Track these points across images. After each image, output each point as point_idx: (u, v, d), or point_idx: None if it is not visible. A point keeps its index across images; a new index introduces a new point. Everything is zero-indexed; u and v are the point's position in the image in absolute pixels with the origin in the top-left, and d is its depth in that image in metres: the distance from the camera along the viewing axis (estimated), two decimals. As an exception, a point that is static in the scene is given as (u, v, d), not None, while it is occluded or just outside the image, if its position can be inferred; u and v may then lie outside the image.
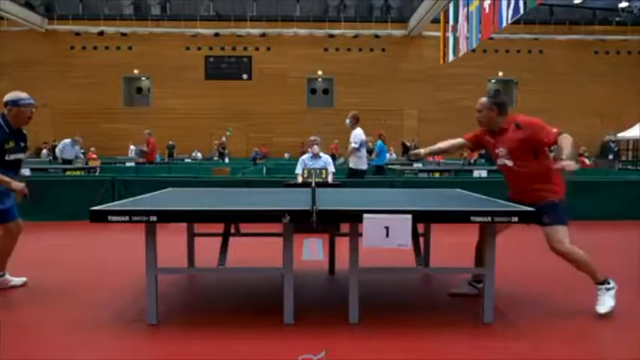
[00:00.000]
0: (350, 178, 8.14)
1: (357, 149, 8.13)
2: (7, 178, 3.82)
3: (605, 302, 3.51)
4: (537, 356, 2.88)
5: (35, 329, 3.22)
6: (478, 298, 3.60)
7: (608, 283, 3.56)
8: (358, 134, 8.10)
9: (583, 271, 3.58)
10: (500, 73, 26.55)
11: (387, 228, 3.00)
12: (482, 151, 19.99)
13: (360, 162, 8.28)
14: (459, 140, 4.18)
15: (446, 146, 4.29)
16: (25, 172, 10.02)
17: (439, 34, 17.26)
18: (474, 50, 15.80)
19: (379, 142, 13.43)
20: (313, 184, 4.20)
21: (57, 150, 13.70)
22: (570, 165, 3.27)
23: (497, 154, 3.77)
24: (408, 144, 18.56)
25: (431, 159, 20.14)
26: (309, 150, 7.59)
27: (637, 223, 7.40)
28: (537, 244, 4.27)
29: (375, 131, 14.19)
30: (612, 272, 3.94)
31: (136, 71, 26.28)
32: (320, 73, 26.67)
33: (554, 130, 3.47)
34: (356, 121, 8.16)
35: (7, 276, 4.14)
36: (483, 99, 3.82)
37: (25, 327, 3.25)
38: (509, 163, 3.66)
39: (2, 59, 25.06)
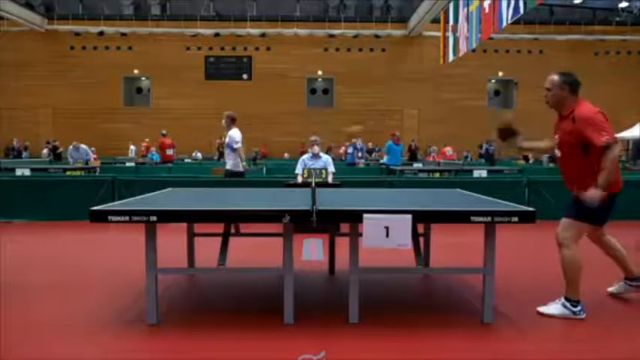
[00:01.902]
0: (228, 178, 7.92)
1: (234, 150, 7.81)
2: None
3: (551, 309, 3.46)
4: (537, 356, 2.88)
5: (35, 329, 3.22)
6: (474, 295, 3.60)
7: (574, 306, 3.42)
8: (234, 135, 7.81)
9: (565, 277, 3.48)
10: (500, 73, 26.55)
11: (387, 228, 3.00)
12: (483, 151, 20.02)
13: (235, 164, 7.92)
14: (547, 141, 3.87)
15: (538, 147, 4.05)
16: (26, 172, 10.03)
17: (439, 34, 17.27)
18: (473, 50, 15.81)
19: (389, 142, 13.46)
20: (313, 184, 4.20)
21: (68, 157, 13.89)
22: (594, 197, 3.22)
23: (556, 141, 3.60)
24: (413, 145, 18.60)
25: (431, 159, 20.17)
26: (309, 150, 7.58)
27: (636, 223, 7.41)
28: (537, 244, 4.27)
29: (388, 132, 14.25)
30: (612, 273, 3.95)
31: (136, 71, 26.28)
32: (320, 73, 26.67)
33: (605, 137, 3.23)
34: (231, 122, 7.92)
35: None
36: (555, 76, 3.51)
37: (25, 327, 3.25)
38: (558, 153, 3.55)
39: (2, 59, 25.05)
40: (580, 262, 3.42)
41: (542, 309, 3.50)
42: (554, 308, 3.47)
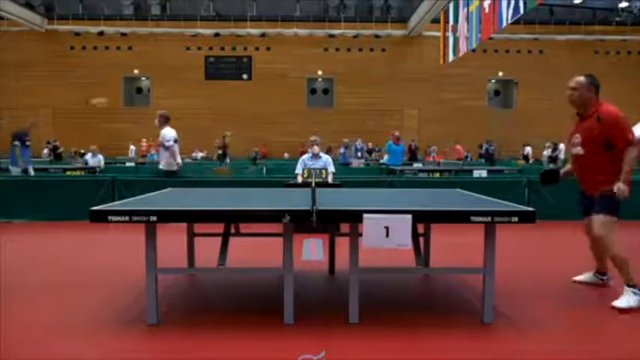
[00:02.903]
0: (164, 177, 7.95)
1: (167, 148, 7.87)
2: None
3: (625, 300, 3.58)
4: (537, 356, 2.88)
5: (35, 329, 3.22)
6: (474, 295, 3.60)
7: (634, 287, 3.59)
8: (166, 134, 7.85)
9: (617, 268, 3.65)
10: (500, 73, 26.55)
11: (387, 228, 3.00)
12: (482, 151, 20.02)
13: (168, 163, 7.97)
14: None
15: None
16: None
17: (439, 34, 17.26)
18: (473, 50, 15.80)
19: (389, 142, 13.49)
20: (313, 184, 4.20)
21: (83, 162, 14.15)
22: (623, 191, 3.47)
23: (573, 141, 3.76)
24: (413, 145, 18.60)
25: (431, 159, 20.18)
26: (309, 150, 7.58)
27: (636, 223, 7.41)
28: (537, 244, 4.27)
29: (388, 132, 14.28)
30: (612, 274, 3.94)
31: (136, 71, 26.28)
32: (320, 73, 26.67)
33: (629, 136, 3.52)
34: (165, 121, 7.94)
35: None
36: (581, 77, 3.73)
37: (25, 327, 3.25)
38: (581, 151, 3.69)
39: (2, 59, 25.06)
40: (624, 255, 3.63)
41: (618, 303, 3.57)
42: (627, 299, 3.58)
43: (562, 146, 19.65)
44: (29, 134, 10.00)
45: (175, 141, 8.05)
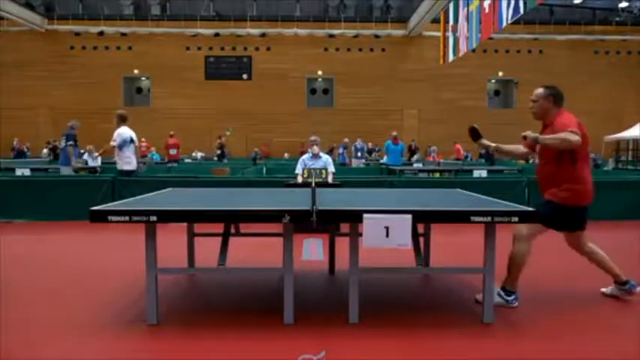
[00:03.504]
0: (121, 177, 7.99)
1: (120, 148, 7.87)
2: None
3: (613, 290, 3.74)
4: (537, 356, 2.88)
5: (35, 329, 3.22)
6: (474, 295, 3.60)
7: (508, 293, 3.64)
8: (121, 133, 7.87)
9: (508, 269, 3.66)
10: (500, 73, 26.55)
11: (387, 228, 3.00)
12: (482, 151, 20.02)
13: (124, 162, 7.96)
14: (521, 147, 4.09)
15: (508, 149, 4.25)
16: (26, 171, 10.03)
17: (439, 34, 17.26)
18: (473, 50, 15.80)
19: (387, 142, 13.54)
20: (313, 184, 4.20)
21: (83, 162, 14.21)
22: (528, 135, 3.57)
23: (537, 151, 3.79)
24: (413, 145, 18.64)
25: (431, 159, 20.18)
26: (309, 150, 7.58)
27: (636, 223, 7.42)
28: (537, 244, 4.27)
29: (388, 132, 14.33)
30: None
31: (136, 71, 26.28)
32: (320, 73, 26.67)
33: (569, 129, 3.46)
34: (121, 120, 7.96)
35: None
36: (540, 89, 3.75)
37: (25, 327, 3.25)
38: (538, 161, 3.76)
39: (2, 59, 25.05)
40: (524, 257, 3.64)
41: (479, 296, 3.57)
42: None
43: None
44: (76, 134, 10.04)
45: (132, 140, 8.06)
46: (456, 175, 11.42)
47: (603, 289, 3.94)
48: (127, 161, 8.03)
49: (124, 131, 7.94)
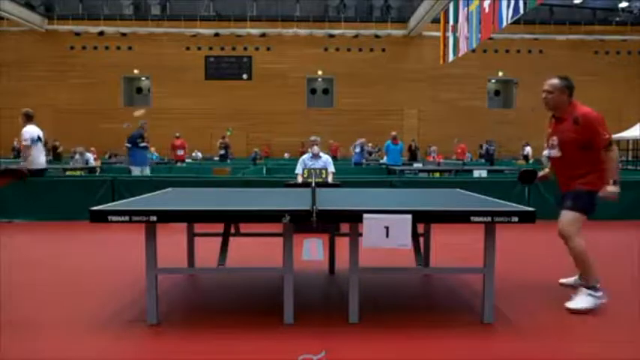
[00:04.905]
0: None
1: (29, 147, 7.78)
2: None
3: (578, 301, 3.54)
4: (537, 356, 2.88)
5: (35, 329, 3.22)
6: (474, 295, 3.60)
7: (595, 290, 3.56)
8: (28, 131, 7.76)
9: (578, 267, 3.65)
10: (500, 73, 26.56)
11: (387, 228, 3.00)
12: (483, 151, 20.02)
13: (31, 162, 7.80)
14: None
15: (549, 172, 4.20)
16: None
17: (439, 34, 17.27)
18: (473, 50, 15.81)
19: (387, 142, 13.55)
20: (313, 184, 4.20)
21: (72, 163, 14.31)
22: (613, 194, 3.48)
23: (550, 144, 3.78)
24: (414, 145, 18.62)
25: (431, 159, 20.19)
26: (309, 150, 7.58)
27: (636, 223, 7.42)
28: (537, 244, 4.27)
29: (388, 132, 14.34)
30: (611, 273, 3.94)
31: (136, 71, 26.29)
32: (320, 73, 26.67)
33: (607, 136, 3.52)
34: (27, 119, 7.86)
35: None
36: (555, 80, 3.74)
37: (24, 327, 3.25)
38: (559, 153, 3.72)
39: (2, 59, 25.07)
40: (588, 255, 3.58)
41: (570, 305, 3.54)
42: (581, 300, 3.55)
43: None
44: (144, 135, 10.07)
45: (39, 139, 7.95)
46: (456, 175, 11.42)
47: (565, 280, 4.04)
48: (35, 161, 7.86)
49: (31, 130, 7.82)
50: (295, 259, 3.33)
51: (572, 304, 3.54)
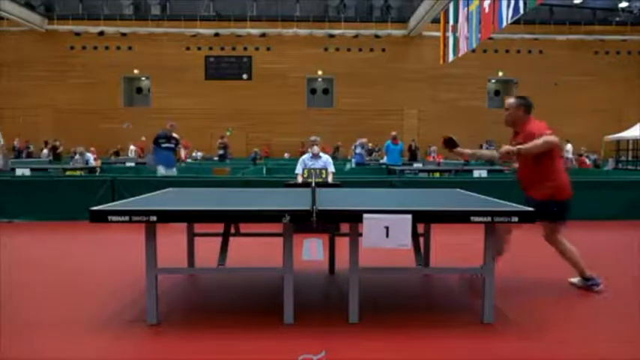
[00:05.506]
0: None
1: None
2: None
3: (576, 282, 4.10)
4: (537, 356, 2.88)
5: (35, 329, 3.22)
6: (474, 295, 3.60)
7: (589, 280, 4.01)
8: None
9: (570, 264, 4.07)
10: (500, 73, 26.55)
11: (387, 228, 3.00)
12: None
13: None
14: (496, 153, 4.42)
15: (486, 156, 4.99)
16: (26, 172, 10.04)
17: (439, 34, 17.27)
18: (473, 50, 15.81)
19: (387, 142, 13.55)
20: (313, 184, 4.20)
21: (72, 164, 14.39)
22: (507, 150, 3.88)
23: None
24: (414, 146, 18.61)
25: (431, 159, 20.18)
26: (309, 150, 7.58)
27: (635, 223, 7.42)
28: (537, 244, 4.27)
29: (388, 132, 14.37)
30: (611, 273, 3.94)
31: (136, 71, 26.28)
32: (320, 73, 26.67)
33: (546, 131, 3.83)
34: None
35: None
36: (511, 99, 4.16)
37: (24, 327, 3.25)
38: (515, 164, 4.14)
39: (2, 59, 25.07)
40: (570, 249, 4.03)
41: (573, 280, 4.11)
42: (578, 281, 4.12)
43: (569, 147, 19.65)
44: (169, 134, 10.05)
45: None
46: (456, 175, 11.42)
47: (572, 280, 4.22)
48: None
49: None
50: (295, 259, 3.33)
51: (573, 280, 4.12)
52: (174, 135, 10.08)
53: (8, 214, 7.65)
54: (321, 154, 7.60)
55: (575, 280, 4.17)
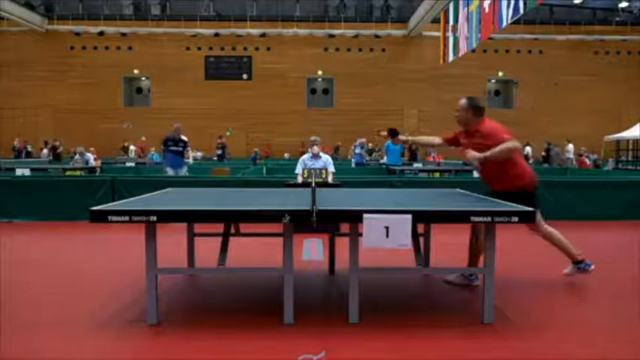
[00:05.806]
0: None
1: None
2: None
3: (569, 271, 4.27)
4: (537, 356, 2.88)
5: (35, 329, 3.22)
6: (474, 295, 3.60)
7: (580, 263, 4.21)
8: None
9: (559, 249, 4.22)
10: (500, 73, 26.56)
11: (387, 228, 3.00)
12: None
13: None
14: (437, 139, 4.64)
15: (424, 141, 5.15)
16: (26, 172, 10.04)
17: (439, 34, 17.27)
18: (473, 50, 15.81)
19: (387, 142, 13.52)
20: (313, 184, 4.20)
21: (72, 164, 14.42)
22: (473, 157, 3.92)
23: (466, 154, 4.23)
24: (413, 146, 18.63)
25: (431, 159, 20.17)
26: (309, 150, 7.58)
27: (635, 223, 7.42)
28: (537, 244, 4.27)
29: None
30: (611, 273, 3.94)
31: (136, 71, 26.29)
32: (320, 73, 26.67)
33: (507, 136, 3.91)
34: None
35: None
36: (463, 100, 4.19)
37: (24, 327, 3.25)
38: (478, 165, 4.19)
39: (2, 59, 25.07)
40: (555, 231, 4.21)
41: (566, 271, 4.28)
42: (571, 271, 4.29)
43: (570, 147, 19.65)
44: (177, 137, 10.07)
45: None
46: (456, 175, 11.42)
47: (565, 270, 4.33)
48: None
49: None
50: (295, 259, 3.33)
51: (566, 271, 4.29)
52: (183, 137, 10.11)
53: (8, 214, 7.65)
54: (321, 154, 7.60)
55: (568, 269, 4.28)
